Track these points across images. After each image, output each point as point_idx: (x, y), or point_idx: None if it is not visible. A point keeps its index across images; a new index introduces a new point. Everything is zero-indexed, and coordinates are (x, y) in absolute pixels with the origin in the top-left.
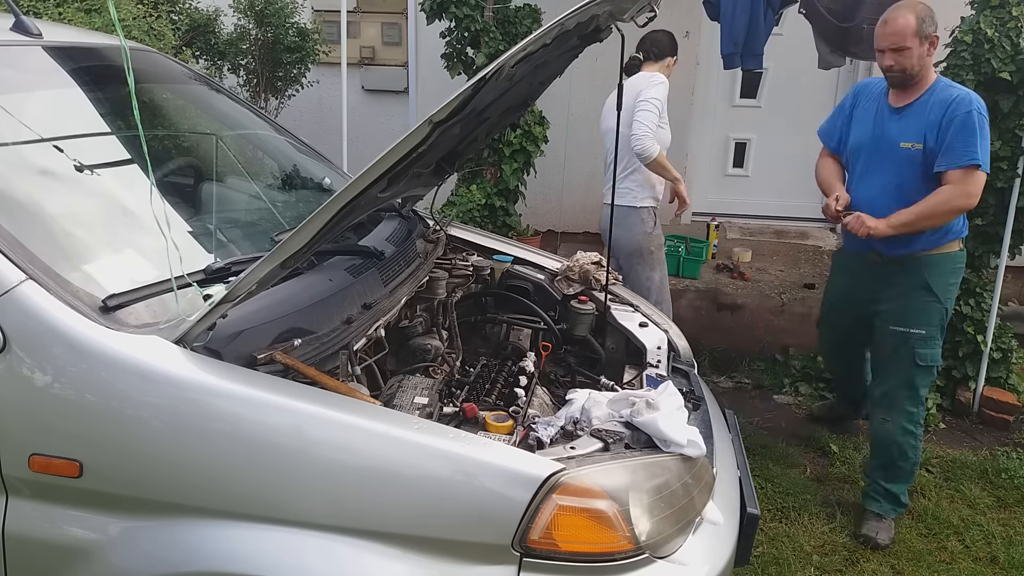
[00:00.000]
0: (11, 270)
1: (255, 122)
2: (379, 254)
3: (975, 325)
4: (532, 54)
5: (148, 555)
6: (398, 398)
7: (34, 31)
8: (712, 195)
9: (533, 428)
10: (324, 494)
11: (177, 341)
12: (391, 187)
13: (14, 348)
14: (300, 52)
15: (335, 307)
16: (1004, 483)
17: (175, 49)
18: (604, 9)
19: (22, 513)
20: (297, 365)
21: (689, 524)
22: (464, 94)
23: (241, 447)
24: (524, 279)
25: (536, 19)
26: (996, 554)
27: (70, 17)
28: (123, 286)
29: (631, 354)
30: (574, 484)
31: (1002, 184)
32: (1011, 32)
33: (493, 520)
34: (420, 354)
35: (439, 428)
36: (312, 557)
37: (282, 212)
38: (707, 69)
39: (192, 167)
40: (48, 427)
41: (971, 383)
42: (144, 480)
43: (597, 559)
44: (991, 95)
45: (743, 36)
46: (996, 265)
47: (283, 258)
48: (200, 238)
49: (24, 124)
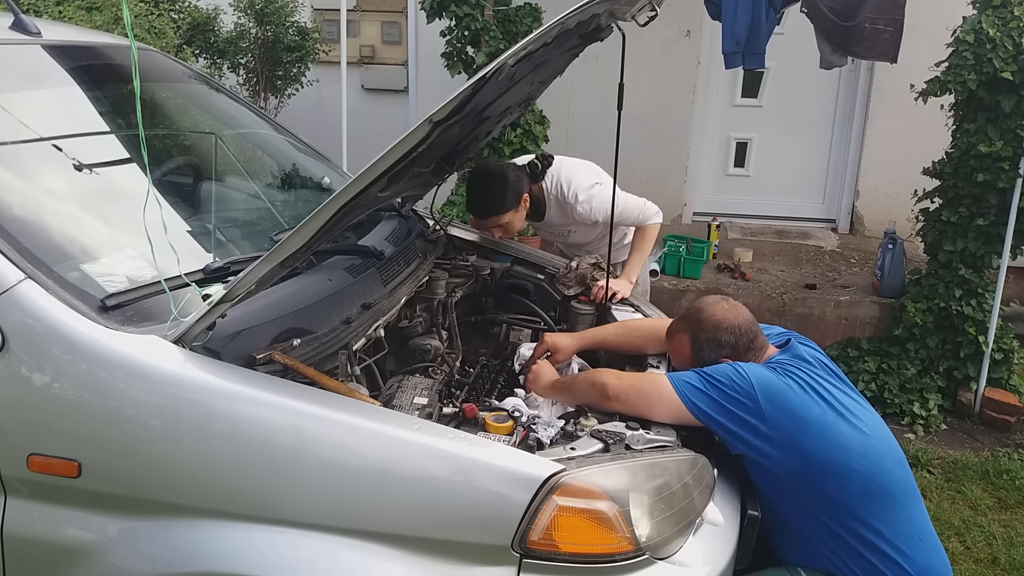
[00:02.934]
0: (10, 269)
1: (255, 121)
2: (379, 254)
3: (976, 326)
4: (533, 53)
5: (147, 555)
6: (398, 398)
7: (33, 30)
8: (713, 195)
9: (533, 429)
10: (323, 494)
11: (176, 341)
12: (391, 186)
13: (13, 347)
14: (300, 51)
15: (334, 307)
16: (1005, 484)
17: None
18: (605, 8)
19: (21, 513)
20: (296, 365)
21: (689, 525)
22: (464, 93)
23: (240, 447)
24: (524, 279)
25: (537, 18)
26: (997, 555)
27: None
28: (122, 285)
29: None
30: (574, 485)
31: (1004, 184)
32: (1013, 32)
33: (493, 521)
34: (420, 354)
35: (439, 428)
36: (311, 558)
37: (281, 211)
38: (708, 68)
39: (191, 166)
40: (47, 427)
41: (972, 384)
42: (143, 480)
43: (597, 560)
44: (992, 95)
45: (745, 35)
46: (998, 266)
47: (282, 258)
48: (199, 237)
49: (23, 123)
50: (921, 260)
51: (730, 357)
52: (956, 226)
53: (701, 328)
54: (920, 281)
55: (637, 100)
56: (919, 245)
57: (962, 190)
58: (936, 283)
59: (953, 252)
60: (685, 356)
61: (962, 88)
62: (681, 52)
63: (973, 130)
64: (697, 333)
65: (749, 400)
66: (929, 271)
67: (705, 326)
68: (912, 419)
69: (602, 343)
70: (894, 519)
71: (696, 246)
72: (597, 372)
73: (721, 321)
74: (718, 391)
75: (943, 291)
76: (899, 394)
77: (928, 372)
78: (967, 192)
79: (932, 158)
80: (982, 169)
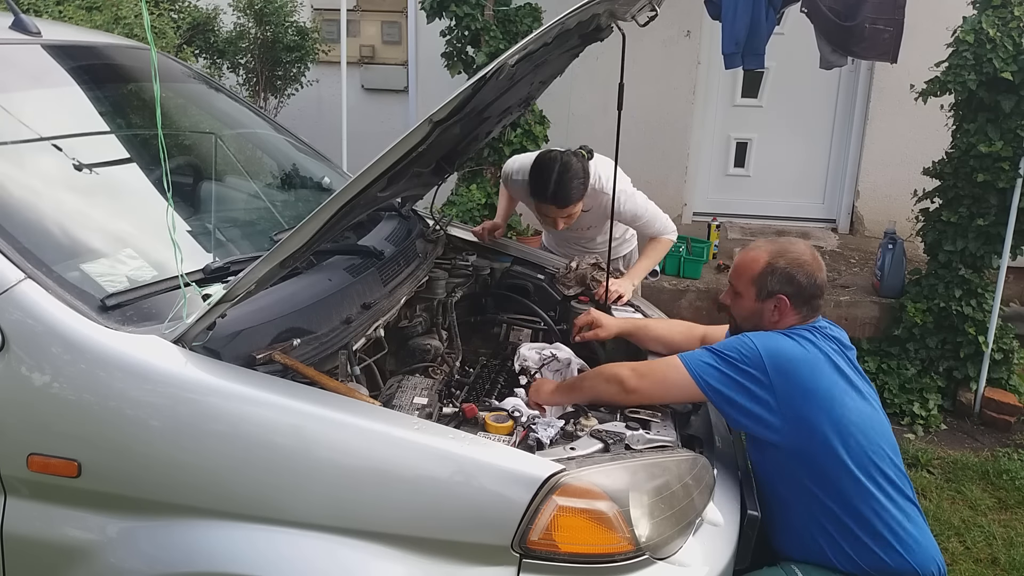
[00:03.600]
0: (10, 269)
1: (255, 121)
2: (378, 254)
3: (976, 326)
4: (533, 53)
5: (146, 555)
6: (397, 398)
7: (33, 29)
8: (713, 195)
9: (533, 429)
10: (323, 494)
11: (176, 341)
12: (391, 186)
13: (13, 347)
14: (299, 51)
15: (334, 307)
16: (1005, 484)
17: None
18: (605, 8)
19: (21, 513)
20: (296, 365)
21: (689, 525)
22: (464, 93)
23: (240, 447)
24: (524, 279)
25: (537, 18)
26: (997, 555)
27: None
28: (122, 285)
29: (631, 354)
30: (574, 485)
31: (1003, 185)
32: (1013, 32)
33: (492, 521)
34: (420, 354)
35: (439, 428)
36: (311, 558)
37: (281, 211)
38: (708, 68)
39: (191, 166)
40: (47, 427)
41: (972, 384)
42: (142, 480)
43: (597, 560)
44: (992, 95)
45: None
46: (998, 266)
47: (282, 258)
48: (199, 237)
49: (23, 123)
50: (921, 260)
51: (790, 297)
52: (956, 226)
53: (783, 256)
54: (920, 281)
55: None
56: (919, 245)
57: (962, 190)
58: (936, 283)
59: (953, 252)
60: (751, 272)
61: (962, 88)
62: (681, 52)
63: (973, 130)
64: (777, 259)
65: (759, 371)
66: (929, 271)
67: (790, 257)
68: (912, 419)
69: (644, 330)
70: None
71: (696, 246)
72: (608, 368)
73: (806, 263)
74: (729, 364)
75: (943, 291)
76: (899, 394)
77: (928, 372)
78: (967, 192)
79: (932, 158)
80: (982, 169)
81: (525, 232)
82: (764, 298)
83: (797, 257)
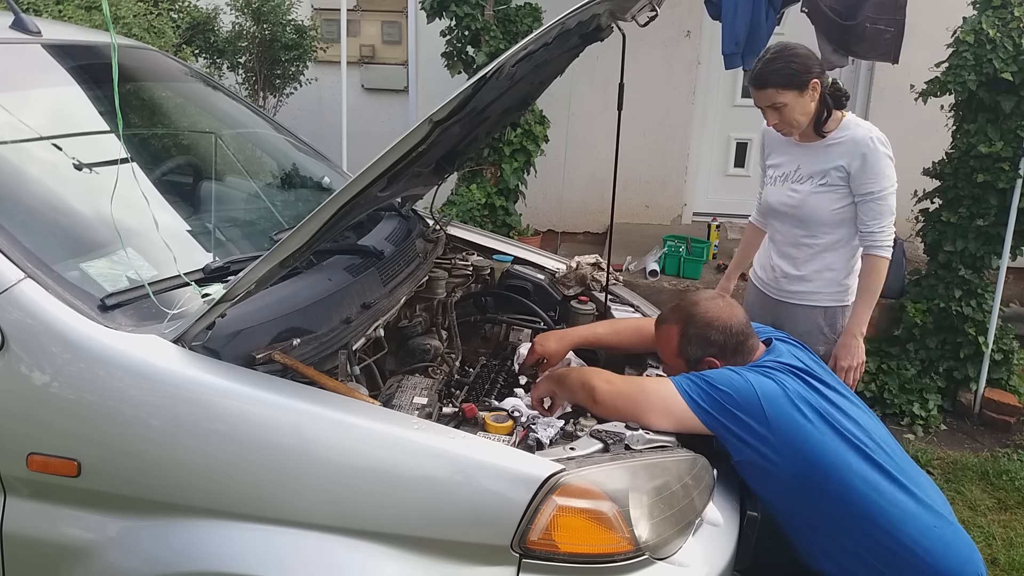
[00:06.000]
0: (10, 268)
1: (254, 120)
2: (378, 253)
3: (976, 326)
4: (533, 53)
5: (146, 555)
6: (397, 398)
7: (33, 29)
8: (713, 195)
9: (533, 429)
10: (323, 494)
11: (176, 340)
12: (391, 186)
13: (12, 347)
14: (297, 49)
15: (334, 307)
16: (1005, 485)
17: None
18: (605, 8)
19: (20, 513)
20: (296, 365)
21: (689, 525)
22: (464, 93)
23: (239, 447)
24: (524, 279)
25: (537, 18)
26: (996, 556)
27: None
28: (122, 285)
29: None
30: (574, 485)
31: (1004, 185)
32: (1013, 32)
33: (492, 521)
34: (419, 354)
35: (438, 428)
36: (310, 557)
37: (281, 211)
38: (708, 68)
39: (191, 165)
40: (46, 426)
41: (972, 385)
42: (142, 480)
43: (596, 560)
44: (992, 95)
45: (744, 35)
46: (997, 266)
47: (282, 257)
48: (199, 237)
49: (23, 122)
50: (921, 260)
51: (716, 357)
52: (956, 227)
53: (692, 323)
54: (920, 281)
55: (637, 100)
56: (919, 245)
57: (962, 191)
58: (936, 284)
59: (953, 253)
60: (671, 348)
61: (962, 88)
62: (681, 52)
63: (973, 131)
64: (687, 327)
65: (754, 406)
66: (929, 271)
67: (697, 321)
68: (912, 420)
69: (593, 341)
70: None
71: (696, 246)
72: (589, 373)
73: (714, 319)
74: (726, 396)
75: (943, 292)
76: (899, 395)
77: (928, 373)
78: (967, 193)
79: (932, 158)
80: (982, 170)
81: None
82: (694, 365)
83: (703, 316)
